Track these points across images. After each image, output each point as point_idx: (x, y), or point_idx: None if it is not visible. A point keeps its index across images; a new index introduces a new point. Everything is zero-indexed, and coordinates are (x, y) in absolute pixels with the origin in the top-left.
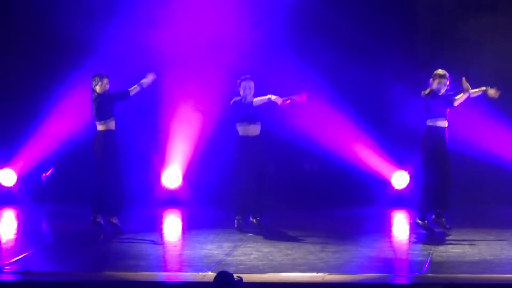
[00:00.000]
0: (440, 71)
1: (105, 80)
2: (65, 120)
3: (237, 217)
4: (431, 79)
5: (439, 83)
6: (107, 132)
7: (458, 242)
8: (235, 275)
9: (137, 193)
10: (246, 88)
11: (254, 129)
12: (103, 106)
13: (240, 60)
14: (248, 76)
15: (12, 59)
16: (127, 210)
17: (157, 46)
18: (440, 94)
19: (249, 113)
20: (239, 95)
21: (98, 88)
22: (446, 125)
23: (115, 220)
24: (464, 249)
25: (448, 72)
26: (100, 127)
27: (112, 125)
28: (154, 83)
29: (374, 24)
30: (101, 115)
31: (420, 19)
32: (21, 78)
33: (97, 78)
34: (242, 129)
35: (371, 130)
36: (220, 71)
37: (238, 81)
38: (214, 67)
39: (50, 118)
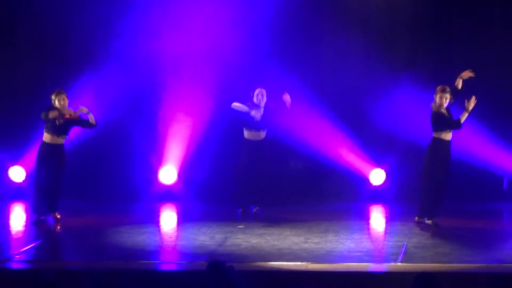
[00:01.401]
0: (440, 86)
1: (62, 96)
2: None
3: (240, 210)
4: (434, 95)
5: (440, 97)
6: (63, 145)
7: (430, 233)
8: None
9: (136, 189)
10: (259, 95)
11: (261, 135)
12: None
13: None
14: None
15: (23, 62)
16: (127, 204)
17: (157, 51)
18: (444, 107)
19: (256, 121)
20: (251, 101)
21: (57, 104)
22: (450, 138)
23: (59, 216)
24: (436, 240)
25: (425, 74)
26: (60, 140)
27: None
28: None
29: (354, 28)
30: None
31: (398, 24)
32: (31, 80)
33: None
34: (248, 134)
35: (351, 132)
36: (215, 76)
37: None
38: (209, 72)
39: None
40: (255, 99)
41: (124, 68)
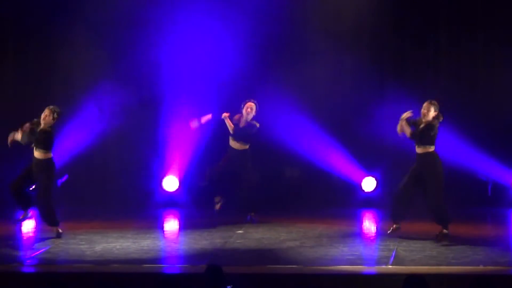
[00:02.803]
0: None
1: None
2: (78, 132)
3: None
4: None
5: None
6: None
7: (419, 237)
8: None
9: (140, 196)
10: (248, 108)
11: (240, 145)
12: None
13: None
14: (252, 99)
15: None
16: (132, 210)
17: (159, 61)
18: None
19: (239, 132)
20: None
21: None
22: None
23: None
24: (425, 244)
25: (412, 84)
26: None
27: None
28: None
29: (344, 42)
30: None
31: (385, 36)
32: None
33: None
34: (231, 142)
35: (344, 142)
36: (217, 88)
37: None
38: (212, 84)
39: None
40: (243, 112)
41: (128, 77)
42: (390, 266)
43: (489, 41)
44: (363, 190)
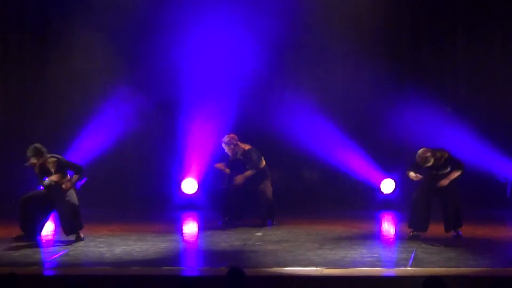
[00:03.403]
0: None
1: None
2: (97, 135)
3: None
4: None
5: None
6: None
7: (438, 240)
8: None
9: (159, 199)
10: (225, 148)
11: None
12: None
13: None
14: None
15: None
16: (152, 213)
17: (177, 64)
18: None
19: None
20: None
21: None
22: None
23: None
24: (443, 246)
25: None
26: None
27: None
28: None
29: (365, 41)
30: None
31: (403, 36)
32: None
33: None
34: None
35: (363, 145)
36: (236, 91)
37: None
38: (230, 87)
39: (83, 134)
40: (228, 152)
41: (147, 80)
42: (409, 268)
43: (507, 45)
44: (382, 192)
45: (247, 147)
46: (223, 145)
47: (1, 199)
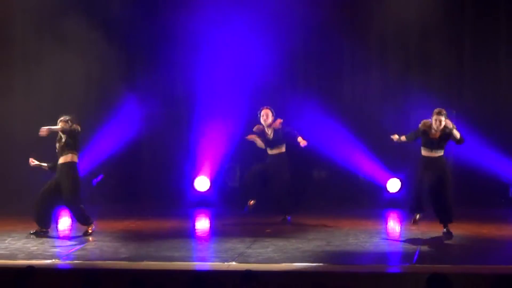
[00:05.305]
0: (437, 109)
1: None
2: (113, 133)
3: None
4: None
5: (434, 119)
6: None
7: (442, 237)
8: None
9: (173, 195)
10: (264, 116)
11: (277, 150)
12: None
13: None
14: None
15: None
16: (165, 209)
17: (192, 64)
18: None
19: (268, 140)
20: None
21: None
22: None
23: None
24: (447, 244)
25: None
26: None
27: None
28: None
29: (369, 45)
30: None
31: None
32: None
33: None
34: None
35: (370, 144)
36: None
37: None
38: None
39: (100, 133)
40: (261, 120)
41: (162, 81)
42: (414, 265)
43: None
44: (388, 191)
45: (280, 121)
46: (263, 111)
47: (18, 196)
